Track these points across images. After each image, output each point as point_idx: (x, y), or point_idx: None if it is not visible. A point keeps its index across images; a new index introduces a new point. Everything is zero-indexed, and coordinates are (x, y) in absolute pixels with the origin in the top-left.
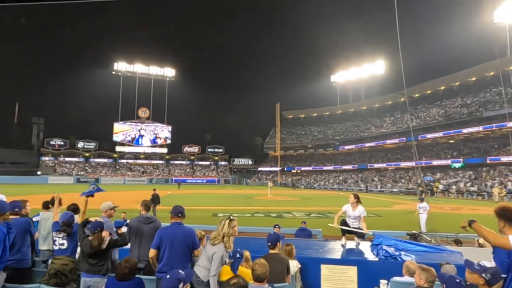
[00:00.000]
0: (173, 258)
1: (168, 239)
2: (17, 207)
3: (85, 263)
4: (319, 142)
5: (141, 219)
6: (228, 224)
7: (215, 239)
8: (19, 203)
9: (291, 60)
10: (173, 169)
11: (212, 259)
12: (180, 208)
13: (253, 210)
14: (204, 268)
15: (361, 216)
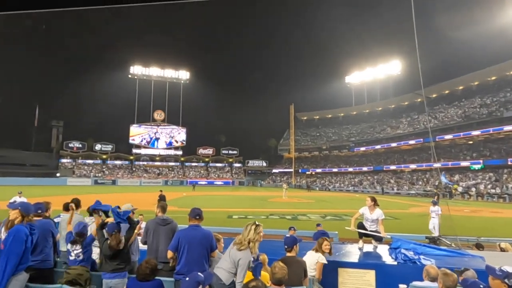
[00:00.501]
0: (192, 260)
1: (186, 241)
2: (40, 209)
3: (107, 264)
4: (334, 143)
5: (158, 220)
6: (254, 229)
7: (241, 244)
8: (42, 205)
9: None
10: (188, 171)
11: (238, 265)
12: (198, 211)
13: (268, 212)
14: (227, 271)
15: (379, 219)
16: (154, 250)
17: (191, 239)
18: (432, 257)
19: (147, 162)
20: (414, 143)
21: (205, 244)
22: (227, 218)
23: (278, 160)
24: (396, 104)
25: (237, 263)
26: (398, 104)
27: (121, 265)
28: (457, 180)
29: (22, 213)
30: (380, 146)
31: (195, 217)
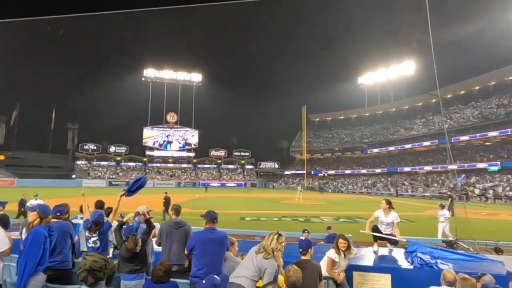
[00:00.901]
0: (208, 263)
1: (202, 244)
2: (59, 211)
3: (124, 266)
4: (347, 145)
5: (171, 223)
6: (276, 239)
7: (266, 253)
8: (62, 207)
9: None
10: (200, 173)
11: (265, 273)
12: (214, 214)
13: (281, 214)
14: (250, 279)
15: (394, 222)
16: (167, 253)
17: (208, 242)
18: (450, 261)
19: (160, 164)
20: (429, 144)
21: (221, 247)
22: (239, 220)
23: (290, 161)
24: (410, 105)
25: (263, 272)
26: (412, 105)
27: (138, 266)
28: (474, 182)
29: (40, 215)
30: (394, 148)
31: (212, 220)
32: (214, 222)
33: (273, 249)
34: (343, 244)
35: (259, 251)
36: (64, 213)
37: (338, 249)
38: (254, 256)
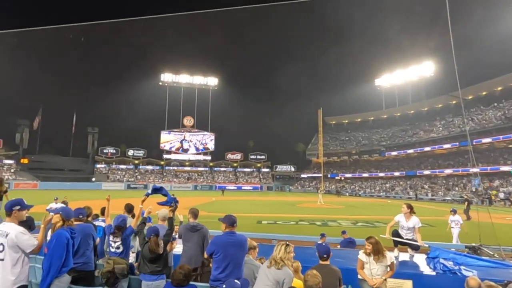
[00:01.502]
0: (228, 267)
1: (223, 248)
2: (81, 214)
3: (146, 266)
4: (364, 148)
5: (188, 227)
6: (284, 249)
7: (277, 264)
8: (83, 210)
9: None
10: (217, 176)
11: (283, 284)
12: (234, 218)
13: (297, 218)
14: None
15: (415, 227)
16: (186, 256)
17: (228, 246)
18: (474, 268)
19: (177, 167)
20: (450, 147)
21: (241, 251)
22: (256, 224)
23: (306, 165)
24: (430, 107)
25: (282, 283)
26: (431, 107)
27: (159, 267)
28: (497, 185)
29: (63, 217)
30: (413, 151)
31: (232, 224)
32: (233, 226)
33: (281, 259)
34: (367, 247)
35: (270, 264)
36: (86, 216)
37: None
38: (267, 272)
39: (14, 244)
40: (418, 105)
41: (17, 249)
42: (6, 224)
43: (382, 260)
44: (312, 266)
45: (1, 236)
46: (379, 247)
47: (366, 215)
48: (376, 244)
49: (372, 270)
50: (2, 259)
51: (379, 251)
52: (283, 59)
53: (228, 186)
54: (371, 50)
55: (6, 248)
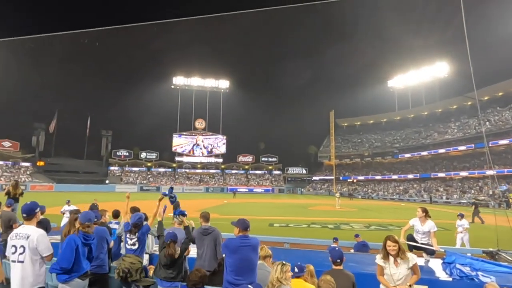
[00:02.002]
0: (242, 270)
1: (237, 252)
2: (96, 217)
3: (162, 270)
4: (377, 150)
5: (201, 230)
6: (280, 269)
7: (273, 286)
8: (98, 213)
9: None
10: (228, 178)
11: None
12: (247, 222)
13: (309, 221)
14: None
15: (431, 231)
16: (199, 259)
17: (242, 250)
18: (492, 273)
19: (189, 169)
20: (465, 149)
21: (254, 254)
22: (268, 226)
23: (318, 167)
24: (444, 108)
25: None
26: (445, 108)
27: (173, 274)
28: None
29: (79, 221)
30: (427, 153)
31: (245, 229)
32: (247, 230)
33: (278, 279)
34: (392, 247)
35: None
36: (100, 218)
37: (386, 254)
38: None
39: (34, 247)
40: (432, 106)
41: (36, 251)
42: (26, 226)
43: (403, 262)
44: (325, 270)
45: (22, 238)
46: (400, 247)
47: (379, 218)
48: (399, 243)
49: (394, 276)
50: (22, 261)
51: (404, 251)
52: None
53: (240, 189)
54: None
55: (26, 250)
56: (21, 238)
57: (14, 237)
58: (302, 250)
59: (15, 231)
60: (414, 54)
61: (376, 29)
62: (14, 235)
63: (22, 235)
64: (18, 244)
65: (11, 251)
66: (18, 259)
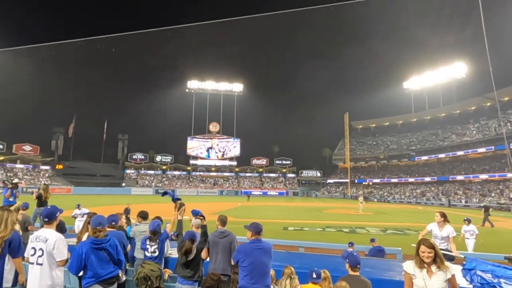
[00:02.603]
0: (255, 274)
1: (250, 256)
2: (113, 221)
3: (180, 269)
4: (393, 152)
5: (217, 233)
6: (289, 284)
7: None
8: (116, 216)
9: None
10: (242, 181)
11: None
12: (260, 226)
13: (324, 224)
14: None
15: (449, 236)
16: (213, 262)
17: (255, 253)
18: None
19: (203, 172)
20: (485, 151)
21: (268, 258)
22: (282, 230)
23: (332, 170)
24: (462, 109)
25: None
26: (463, 109)
27: (189, 273)
28: None
29: (90, 226)
30: (445, 155)
31: (258, 232)
32: (259, 234)
33: None
34: (427, 254)
35: None
36: (118, 223)
37: (419, 261)
38: None
39: (51, 250)
40: (450, 107)
41: (52, 255)
42: (45, 230)
43: (439, 272)
44: (341, 276)
45: (41, 241)
46: (439, 253)
47: (396, 222)
48: (436, 249)
49: None
50: (41, 263)
51: (442, 259)
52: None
53: (254, 192)
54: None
55: (45, 253)
56: (40, 241)
57: (34, 239)
58: (317, 255)
59: (36, 233)
60: (431, 55)
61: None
62: (34, 238)
63: (41, 238)
64: (37, 247)
65: (30, 253)
66: (37, 261)
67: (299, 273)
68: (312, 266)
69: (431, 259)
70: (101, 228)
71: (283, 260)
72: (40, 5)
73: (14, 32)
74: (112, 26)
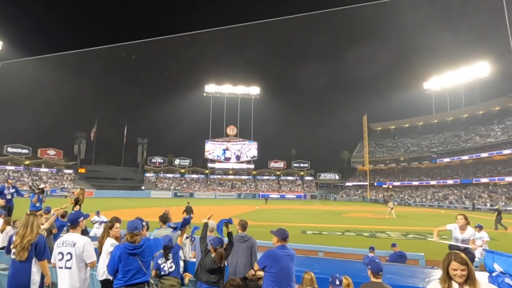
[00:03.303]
0: (283, 280)
1: (279, 262)
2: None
3: (203, 275)
4: (413, 154)
5: (237, 237)
6: None
7: None
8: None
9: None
10: (260, 184)
11: None
12: (286, 233)
13: (343, 228)
14: None
15: (470, 239)
16: (234, 266)
17: (283, 260)
18: None
19: (221, 175)
20: (510, 152)
21: (293, 264)
22: (301, 234)
23: (351, 172)
24: (485, 110)
25: None
26: (487, 110)
27: (215, 279)
28: None
29: (127, 230)
30: (468, 157)
31: (284, 239)
32: (285, 240)
33: None
34: (460, 272)
35: None
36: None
37: (448, 278)
38: None
39: (80, 253)
40: (473, 108)
41: (81, 258)
42: (72, 234)
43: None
44: (363, 283)
45: (68, 245)
46: (472, 271)
47: (417, 226)
48: (469, 266)
49: None
50: (70, 267)
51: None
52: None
53: (271, 195)
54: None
55: (74, 257)
56: (68, 245)
57: (61, 244)
58: (337, 260)
59: (61, 238)
60: (452, 54)
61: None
62: (60, 243)
63: (68, 242)
64: (65, 251)
65: (57, 258)
66: (65, 265)
67: (319, 279)
68: (332, 271)
69: (465, 278)
70: (138, 232)
71: (302, 265)
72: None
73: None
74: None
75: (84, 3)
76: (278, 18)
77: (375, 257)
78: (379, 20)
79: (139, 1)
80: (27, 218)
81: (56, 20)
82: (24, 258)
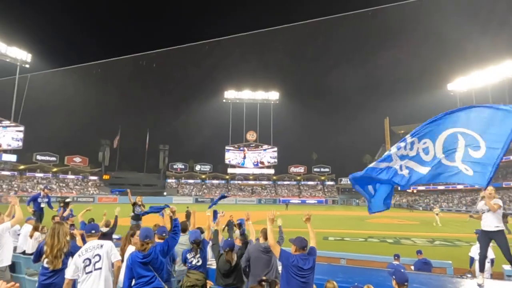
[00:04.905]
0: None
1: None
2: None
3: (221, 280)
4: None
5: (261, 248)
6: None
7: None
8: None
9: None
10: (280, 190)
11: None
12: (305, 242)
13: (366, 234)
14: None
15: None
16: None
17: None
18: None
19: (241, 181)
20: None
21: (313, 274)
22: (322, 240)
23: None
24: None
25: None
26: None
27: (234, 281)
28: None
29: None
30: None
31: (302, 248)
32: (304, 249)
33: None
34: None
35: None
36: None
37: None
38: None
39: (109, 253)
40: None
41: (109, 258)
42: (93, 241)
43: None
44: None
45: (96, 248)
46: None
47: (444, 232)
48: None
49: None
50: (100, 267)
51: None
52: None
53: (292, 200)
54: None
55: (103, 257)
56: (94, 249)
57: (84, 252)
58: (360, 268)
59: (84, 247)
60: (479, 54)
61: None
62: (84, 251)
63: (93, 246)
64: (91, 255)
65: (83, 265)
66: (95, 267)
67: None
68: (355, 280)
69: None
70: (149, 240)
71: (324, 273)
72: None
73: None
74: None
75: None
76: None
77: (400, 266)
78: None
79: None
80: (53, 228)
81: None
82: (59, 266)
